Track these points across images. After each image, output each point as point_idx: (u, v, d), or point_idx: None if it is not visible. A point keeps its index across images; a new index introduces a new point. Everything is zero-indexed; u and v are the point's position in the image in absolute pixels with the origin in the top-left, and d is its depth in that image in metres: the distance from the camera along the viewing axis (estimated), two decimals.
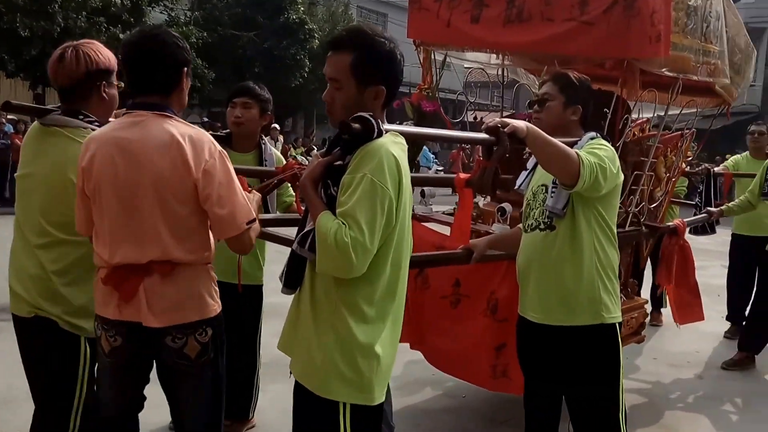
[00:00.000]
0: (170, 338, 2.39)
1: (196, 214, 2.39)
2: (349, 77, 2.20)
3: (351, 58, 2.19)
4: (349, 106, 2.21)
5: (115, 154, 2.35)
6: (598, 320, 2.88)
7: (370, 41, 2.21)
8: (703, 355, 6.19)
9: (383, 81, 2.22)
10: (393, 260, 2.22)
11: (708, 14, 4.04)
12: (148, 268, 2.36)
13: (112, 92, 2.73)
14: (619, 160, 2.89)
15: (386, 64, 2.22)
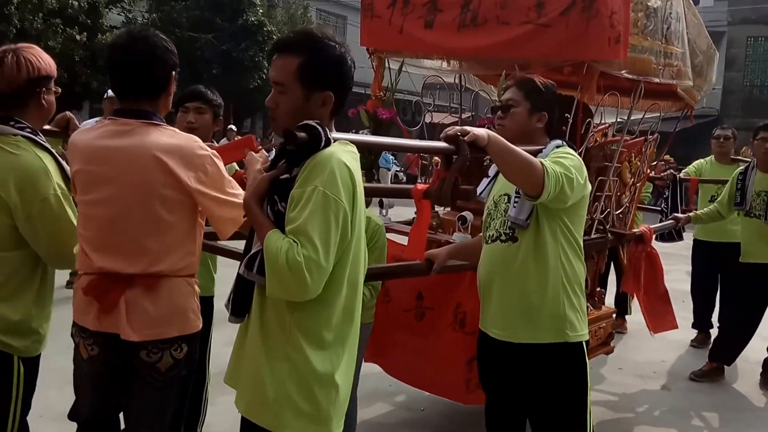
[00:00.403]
0: (145, 352, 2.36)
1: (183, 224, 2.37)
2: (295, 82, 2.09)
3: (298, 61, 2.08)
4: (294, 113, 2.10)
5: (101, 163, 2.32)
6: (562, 338, 2.80)
7: (319, 44, 2.11)
8: (669, 364, 6.15)
9: (331, 86, 2.11)
10: (350, 278, 2.10)
11: (668, 15, 4.00)
12: (131, 280, 2.33)
13: (50, 99, 2.63)
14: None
15: (335, 68, 2.13)
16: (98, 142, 2.35)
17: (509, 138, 2.82)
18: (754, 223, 5.36)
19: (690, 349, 6.61)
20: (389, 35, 4.23)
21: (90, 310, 2.37)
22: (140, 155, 2.29)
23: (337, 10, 28.96)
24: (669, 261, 9.54)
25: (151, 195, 2.29)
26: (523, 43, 3.68)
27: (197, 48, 19.99)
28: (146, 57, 2.37)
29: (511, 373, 2.92)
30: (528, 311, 2.80)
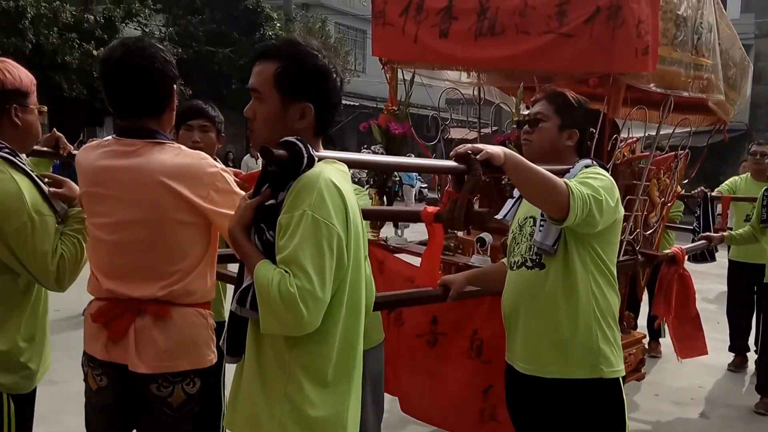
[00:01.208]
0: (156, 385, 2.28)
1: (195, 248, 2.29)
2: (272, 89, 1.97)
3: (275, 67, 1.97)
4: (271, 123, 1.99)
5: (106, 185, 2.26)
6: (597, 374, 2.62)
7: (301, 52, 1.99)
8: (707, 390, 6.01)
9: (310, 98, 1.98)
10: (349, 307, 1.96)
11: (699, 25, 3.84)
12: (140, 308, 2.25)
13: (27, 118, 2.45)
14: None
15: (315, 78, 1.99)
16: (102, 162, 2.28)
17: (536, 155, 2.71)
18: None
19: (728, 373, 6.46)
20: (402, 44, 4.12)
21: (99, 337, 2.31)
22: (146, 178, 2.21)
23: (356, 24, 29.14)
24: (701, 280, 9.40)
25: (159, 218, 2.22)
26: (544, 54, 3.54)
27: (215, 62, 20.12)
28: (146, 71, 2.25)
29: (540, 409, 2.74)
30: (557, 344, 2.63)
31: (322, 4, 28.97)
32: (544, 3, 3.55)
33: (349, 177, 2.04)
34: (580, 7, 3.44)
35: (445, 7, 3.91)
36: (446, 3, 3.92)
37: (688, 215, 6.56)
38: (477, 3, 3.78)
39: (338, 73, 2.05)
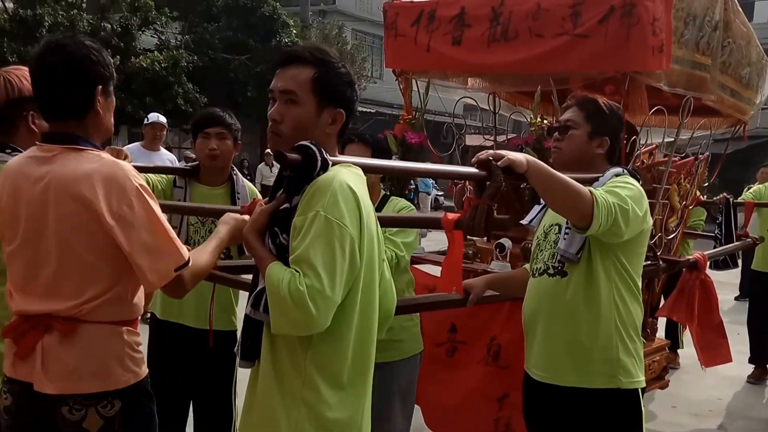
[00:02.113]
0: (67, 408, 2.12)
1: (108, 265, 2.14)
2: (309, 92, 2.01)
3: (313, 71, 2.01)
4: (302, 127, 2.01)
5: (20, 193, 2.15)
6: (615, 384, 2.61)
7: (332, 59, 2.06)
8: (725, 402, 5.98)
9: (342, 104, 2.05)
10: (362, 308, 1.99)
11: (706, 23, 3.85)
12: (48, 324, 2.13)
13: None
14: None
15: (347, 86, 2.06)
16: (22, 169, 2.18)
17: (565, 162, 2.72)
18: None
19: (747, 385, 6.43)
20: (416, 54, 4.17)
21: (9, 353, 2.20)
22: (56, 187, 2.10)
23: (373, 30, 29.22)
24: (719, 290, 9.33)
25: (70, 230, 2.10)
26: (559, 56, 3.56)
27: (231, 70, 20.23)
28: (62, 69, 2.13)
29: (556, 419, 2.74)
30: (576, 353, 2.63)
31: (338, 11, 29.11)
32: (558, 5, 3.58)
33: (365, 181, 2.07)
34: (593, 7, 3.46)
35: (458, 15, 3.96)
36: (458, 11, 3.96)
37: (710, 224, 6.52)
38: (490, 9, 3.82)
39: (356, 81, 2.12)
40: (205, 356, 3.27)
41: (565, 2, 3.56)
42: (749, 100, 4.70)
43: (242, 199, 3.48)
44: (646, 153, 4.46)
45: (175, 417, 3.48)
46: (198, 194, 3.43)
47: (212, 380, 3.42)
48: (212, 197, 3.42)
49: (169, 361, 3.39)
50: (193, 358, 3.35)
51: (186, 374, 3.40)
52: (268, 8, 20.93)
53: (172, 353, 3.40)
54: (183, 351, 3.37)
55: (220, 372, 3.44)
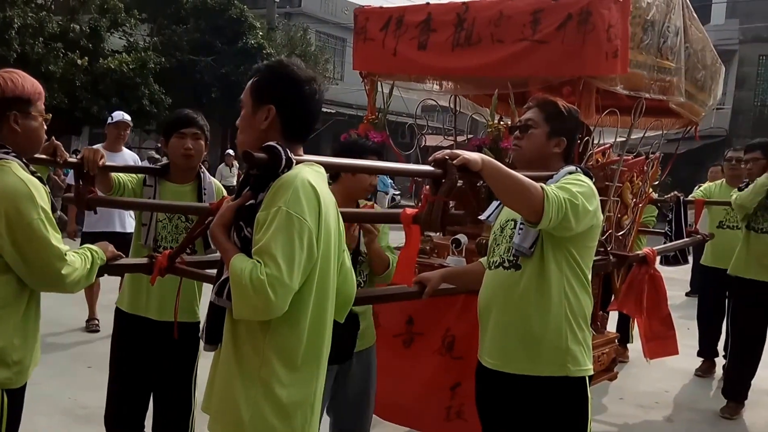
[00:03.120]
0: None
1: None
2: (248, 95, 2.19)
3: (254, 79, 2.20)
4: (246, 128, 2.19)
5: None
6: (563, 372, 2.67)
7: (275, 64, 2.24)
8: (672, 395, 6.05)
9: (274, 101, 2.14)
10: (317, 295, 2.12)
11: (666, 29, 3.96)
12: None
13: (28, 124, 2.53)
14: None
15: (280, 83, 2.16)
16: None
17: (524, 160, 2.80)
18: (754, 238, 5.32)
19: (694, 378, 6.51)
20: (383, 58, 4.26)
21: None
22: None
23: (337, 32, 29.25)
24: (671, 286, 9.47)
25: None
26: (519, 61, 3.66)
27: (197, 71, 20.14)
28: None
29: (506, 405, 2.80)
30: (527, 342, 2.69)
31: (303, 13, 29.08)
32: (519, 12, 3.69)
33: (326, 178, 2.19)
34: (552, 14, 3.57)
35: (424, 20, 4.05)
36: (425, 16, 4.06)
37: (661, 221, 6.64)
38: (455, 15, 3.92)
39: (315, 84, 2.18)
40: (168, 348, 3.30)
41: (526, 9, 3.66)
42: (703, 102, 4.85)
43: (209, 196, 3.52)
44: (600, 152, 4.57)
45: (135, 409, 3.51)
46: (167, 192, 3.46)
47: (173, 372, 3.45)
48: (181, 195, 3.46)
49: (131, 353, 3.43)
50: (155, 351, 3.38)
51: (148, 366, 3.43)
52: (236, 11, 20.88)
53: (135, 346, 3.43)
54: (146, 343, 3.39)
55: (181, 364, 3.48)
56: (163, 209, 3.36)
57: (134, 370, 3.44)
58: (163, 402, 3.50)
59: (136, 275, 3.30)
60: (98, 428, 3.58)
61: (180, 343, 3.29)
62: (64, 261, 2.42)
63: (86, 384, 5.22)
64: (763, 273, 5.22)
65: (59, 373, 5.48)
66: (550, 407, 2.70)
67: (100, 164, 3.11)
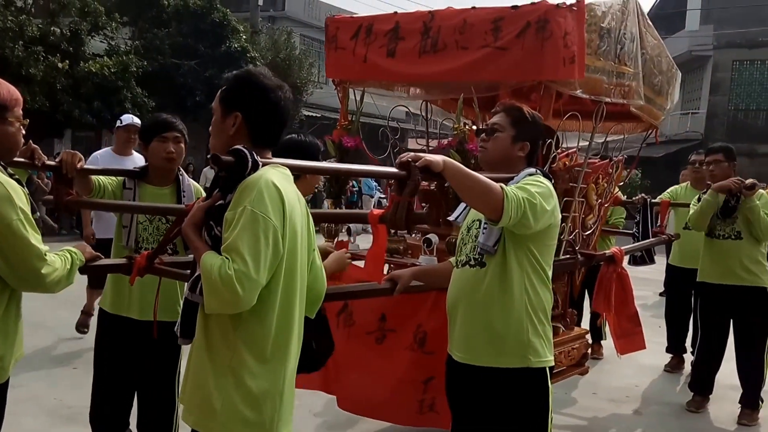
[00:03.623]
0: None
1: None
2: (218, 104, 2.32)
3: (224, 87, 2.34)
4: (215, 131, 2.33)
5: None
6: (525, 364, 2.82)
7: (242, 73, 2.35)
8: (642, 389, 6.22)
9: (241, 108, 2.27)
10: (285, 290, 2.23)
11: (622, 36, 4.14)
12: None
13: (5, 129, 2.58)
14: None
15: (246, 91, 2.29)
16: None
17: (489, 161, 2.94)
18: (713, 243, 5.46)
19: (664, 373, 6.71)
20: (354, 65, 4.40)
21: None
22: None
23: (321, 36, 29.10)
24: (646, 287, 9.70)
25: None
26: (482, 66, 3.82)
27: (180, 75, 20.07)
28: None
29: (474, 396, 2.95)
30: (491, 336, 2.84)
31: (287, 17, 28.96)
32: (481, 20, 3.85)
33: (292, 179, 2.31)
34: (512, 22, 3.74)
35: (392, 29, 4.21)
36: (393, 25, 4.22)
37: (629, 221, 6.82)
38: (421, 23, 4.08)
39: (281, 92, 2.31)
40: (151, 347, 3.33)
41: (488, 18, 3.83)
42: (661, 106, 5.02)
43: (188, 198, 3.58)
44: (567, 156, 4.74)
45: (119, 408, 3.57)
46: (146, 194, 3.53)
47: (156, 371, 3.51)
48: (160, 197, 3.54)
49: (114, 353, 3.49)
50: (138, 350, 3.43)
51: (131, 366, 3.48)
52: (218, 14, 20.72)
53: (118, 346, 3.49)
54: (129, 343, 3.45)
55: (164, 363, 3.54)
56: (141, 211, 3.44)
57: (117, 370, 3.50)
58: (147, 400, 3.56)
59: (118, 276, 3.36)
60: (83, 428, 3.63)
61: (162, 342, 3.28)
62: (44, 261, 2.48)
63: (72, 385, 5.32)
64: (724, 277, 5.38)
65: (45, 375, 5.57)
66: (513, 397, 2.85)
67: (78, 167, 3.18)
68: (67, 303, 6.98)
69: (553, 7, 3.67)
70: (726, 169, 5.36)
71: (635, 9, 4.34)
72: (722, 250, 5.37)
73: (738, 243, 5.29)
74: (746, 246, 5.28)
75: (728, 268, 5.34)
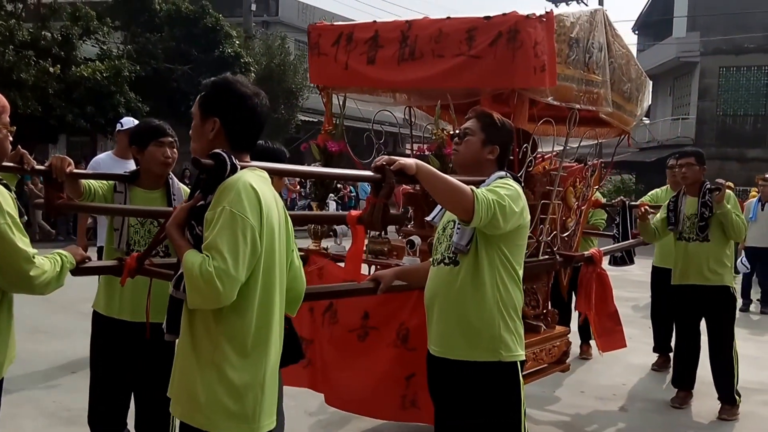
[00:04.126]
0: None
1: None
2: (197, 109, 2.45)
3: (202, 93, 2.47)
4: (194, 136, 2.46)
5: None
6: (497, 357, 2.97)
7: (220, 80, 2.47)
8: (629, 387, 6.39)
9: (219, 114, 2.40)
10: (263, 287, 2.36)
11: (591, 45, 4.31)
12: None
13: None
14: (525, 195, 3.00)
15: (222, 95, 2.43)
16: None
17: (461, 163, 3.11)
18: (682, 246, 5.64)
19: (651, 372, 6.89)
20: (336, 72, 4.55)
21: None
22: None
23: None
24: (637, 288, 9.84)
25: None
26: (457, 74, 3.98)
27: (173, 80, 20.14)
28: None
29: (451, 388, 3.09)
30: (465, 330, 2.99)
31: (281, 22, 29.11)
32: (456, 30, 4.02)
33: (269, 181, 2.45)
34: (485, 32, 3.91)
35: (372, 37, 4.37)
36: (373, 33, 4.38)
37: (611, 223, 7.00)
38: (399, 32, 4.25)
39: (258, 99, 2.46)
40: (144, 348, 3.37)
41: (462, 27, 4.00)
42: (631, 112, 5.20)
43: (178, 201, 3.62)
44: (546, 160, 4.90)
45: (116, 408, 3.63)
46: (137, 198, 3.60)
47: (151, 371, 3.53)
48: (150, 200, 3.61)
49: (109, 355, 3.56)
50: (132, 351, 3.49)
51: (126, 366, 3.54)
52: (211, 19, 20.83)
53: (112, 347, 3.55)
54: (122, 344, 3.51)
55: (158, 363, 3.51)
56: (131, 214, 3.51)
57: (113, 371, 3.55)
58: (144, 400, 3.60)
59: (110, 279, 3.44)
60: (82, 429, 3.69)
61: (156, 343, 3.28)
62: (32, 263, 2.55)
63: (70, 388, 5.43)
64: (694, 278, 5.58)
65: (43, 379, 5.69)
66: (486, 389, 3.00)
67: (68, 171, 3.28)
68: (63, 309, 7.09)
69: (523, 18, 3.83)
70: (697, 172, 5.56)
71: (602, 20, 4.52)
72: (691, 253, 5.57)
73: (706, 245, 5.49)
74: (713, 248, 5.50)
75: (697, 269, 5.55)
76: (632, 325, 8.23)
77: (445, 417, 3.19)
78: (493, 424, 3.02)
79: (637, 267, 6.90)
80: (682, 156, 5.73)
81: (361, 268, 3.44)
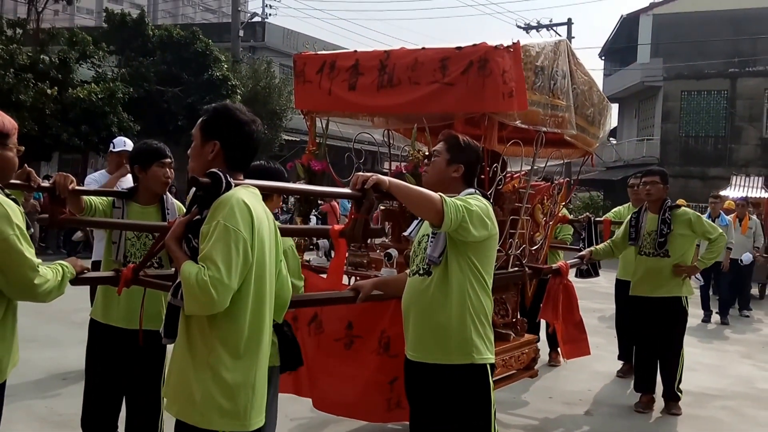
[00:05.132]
0: None
1: None
2: (198, 131, 2.57)
3: (204, 118, 2.59)
4: (195, 156, 2.57)
5: None
6: (468, 360, 3.07)
7: (221, 107, 2.59)
8: (595, 393, 6.49)
9: (219, 138, 2.52)
10: (255, 294, 2.45)
11: (555, 73, 4.48)
12: None
13: (5, 155, 2.72)
14: (494, 209, 3.11)
15: (223, 121, 2.54)
16: None
17: (429, 182, 3.22)
18: (642, 260, 5.79)
19: (616, 379, 6.99)
20: (319, 97, 4.70)
21: None
22: None
23: None
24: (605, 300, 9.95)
25: None
26: (432, 100, 4.13)
27: (164, 101, 20.23)
28: None
29: (426, 390, 3.19)
30: (438, 335, 3.09)
31: (267, 47, 29.27)
32: (430, 59, 4.17)
33: (260, 198, 2.55)
34: (457, 61, 4.06)
35: (353, 65, 4.51)
36: (354, 62, 4.53)
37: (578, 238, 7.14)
38: (378, 61, 4.40)
39: (254, 125, 2.58)
40: (137, 355, 3.42)
41: (436, 57, 4.15)
42: (594, 134, 5.36)
43: (171, 215, 3.72)
44: (516, 178, 5.04)
45: (108, 412, 3.66)
46: (133, 213, 3.67)
47: (143, 377, 3.60)
48: (146, 215, 3.68)
49: (103, 360, 3.60)
50: (126, 357, 3.54)
51: (120, 372, 3.58)
52: (201, 44, 20.94)
53: (107, 353, 3.59)
54: (117, 351, 3.56)
55: (150, 369, 3.63)
56: (127, 228, 3.59)
57: (107, 376, 3.59)
58: (134, 405, 3.64)
59: (108, 288, 3.49)
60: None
61: (148, 350, 3.39)
62: (37, 272, 2.61)
63: (62, 394, 5.47)
64: (649, 290, 5.76)
65: (36, 386, 5.70)
66: (459, 391, 3.10)
67: (70, 188, 3.37)
68: (56, 319, 7.09)
69: (492, 48, 3.98)
70: (661, 190, 5.70)
71: (566, 50, 4.69)
72: (649, 267, 5.72)
73: (665, 260, 5.64)
74: (671, 263, 5.65)
75: (652, 282, 5.71)
76: (598, 334, 8.44)
77: (420, 419, 3.27)
78: (465, 425, 3.11)
79: (604, 279, 7.04)
80: (648, 174, 5.86)
81: (342, 279, 3.54)
